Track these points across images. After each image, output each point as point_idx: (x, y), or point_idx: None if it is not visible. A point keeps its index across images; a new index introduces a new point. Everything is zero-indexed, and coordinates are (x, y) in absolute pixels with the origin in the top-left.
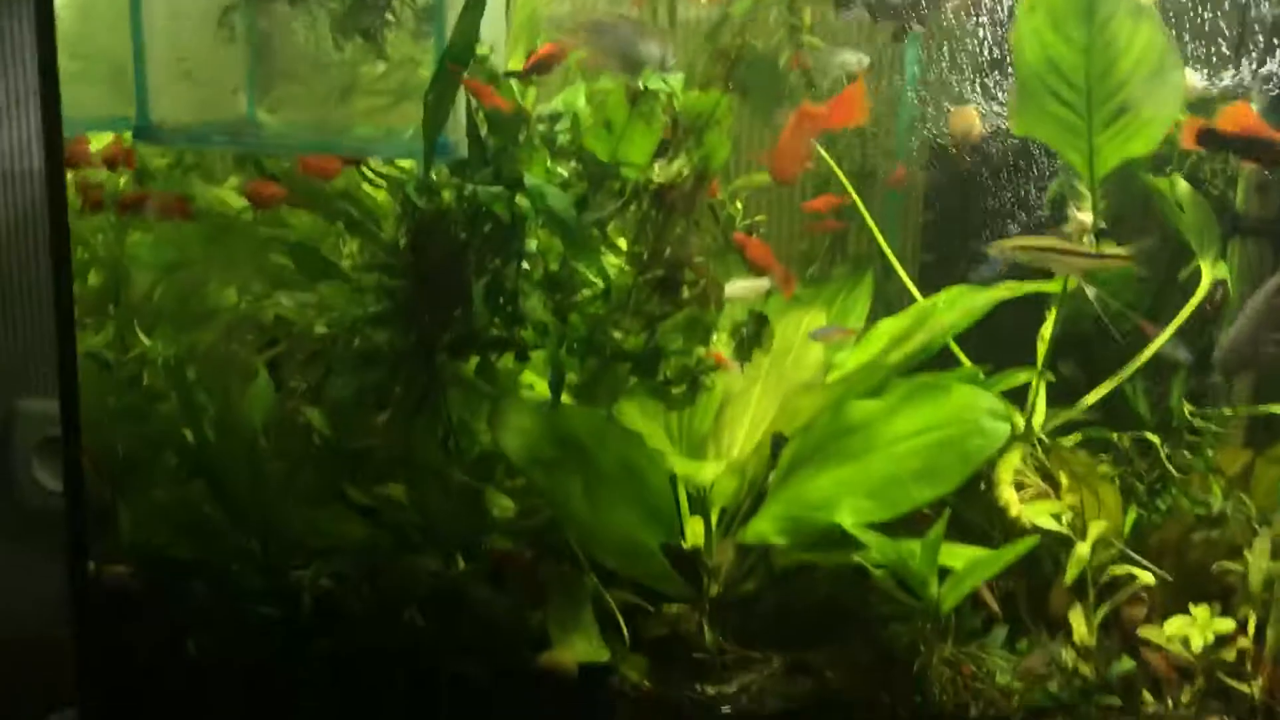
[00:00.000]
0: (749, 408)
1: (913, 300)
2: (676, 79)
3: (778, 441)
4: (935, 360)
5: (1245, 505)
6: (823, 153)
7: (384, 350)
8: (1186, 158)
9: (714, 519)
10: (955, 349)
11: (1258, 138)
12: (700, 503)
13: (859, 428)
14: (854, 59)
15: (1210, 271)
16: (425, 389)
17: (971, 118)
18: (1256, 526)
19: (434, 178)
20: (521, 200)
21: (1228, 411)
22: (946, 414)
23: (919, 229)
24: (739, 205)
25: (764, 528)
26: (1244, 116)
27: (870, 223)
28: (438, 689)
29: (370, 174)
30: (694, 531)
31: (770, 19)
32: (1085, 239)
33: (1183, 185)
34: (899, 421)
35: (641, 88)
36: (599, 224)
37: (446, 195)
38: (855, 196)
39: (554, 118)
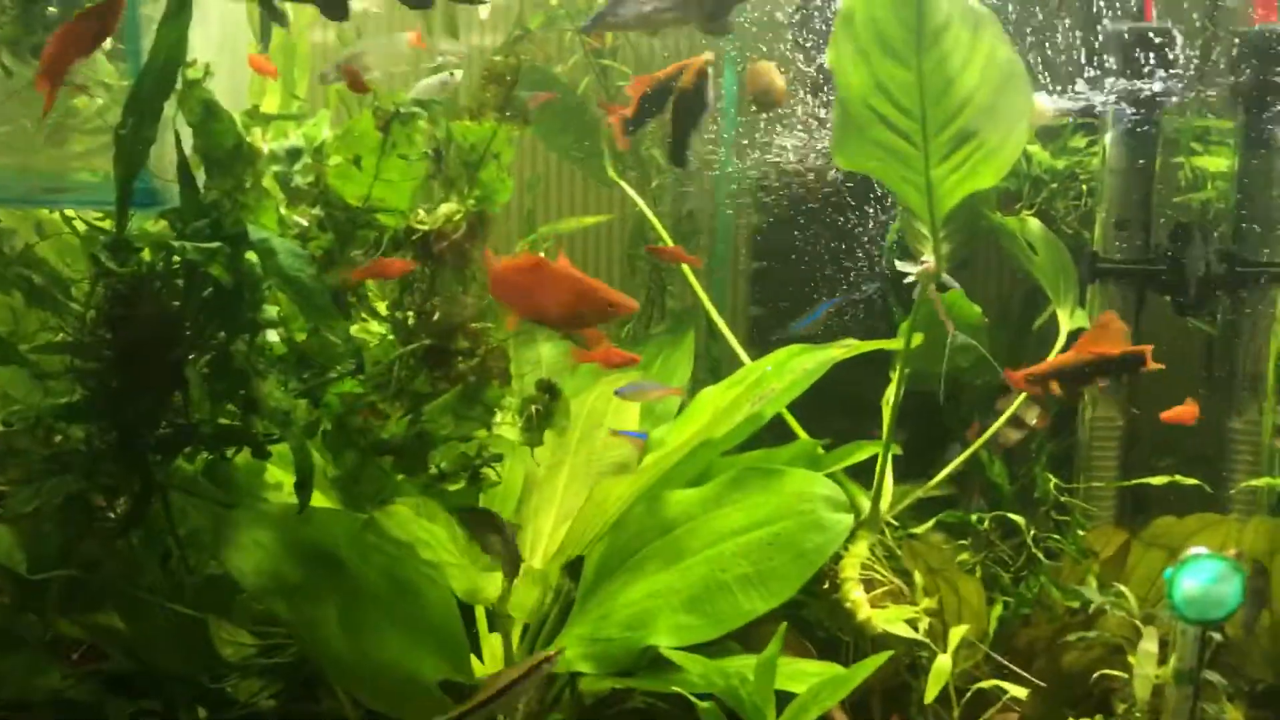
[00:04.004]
0: (555, 497)
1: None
2: (435, 98)
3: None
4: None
5: (1124, 598)
6: (634, 195)
7: (80, 450)
8: (1039, 192)
9: (515, 638)
10: (790, 420)
11: None
12: (501, 619)
13: (677, 524)
14: None
15: (1068, 320)
16: (137, 498)
17: (769, 74)
18: (1139, 623)
19: (147, 231)
20: (252, 257)
21: (1097, 484)
22: (778, 506)
23: (748, 278)
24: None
25: (567, 652)
26: None
27: (689, 275)
28: None
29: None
30: (492, 654)
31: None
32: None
33: (1034, 224)
34: (724, 516)
35: (394, 110)
36: (347, 285)
37: (148, 254)
38: (669, 242)
39: (293, 154)
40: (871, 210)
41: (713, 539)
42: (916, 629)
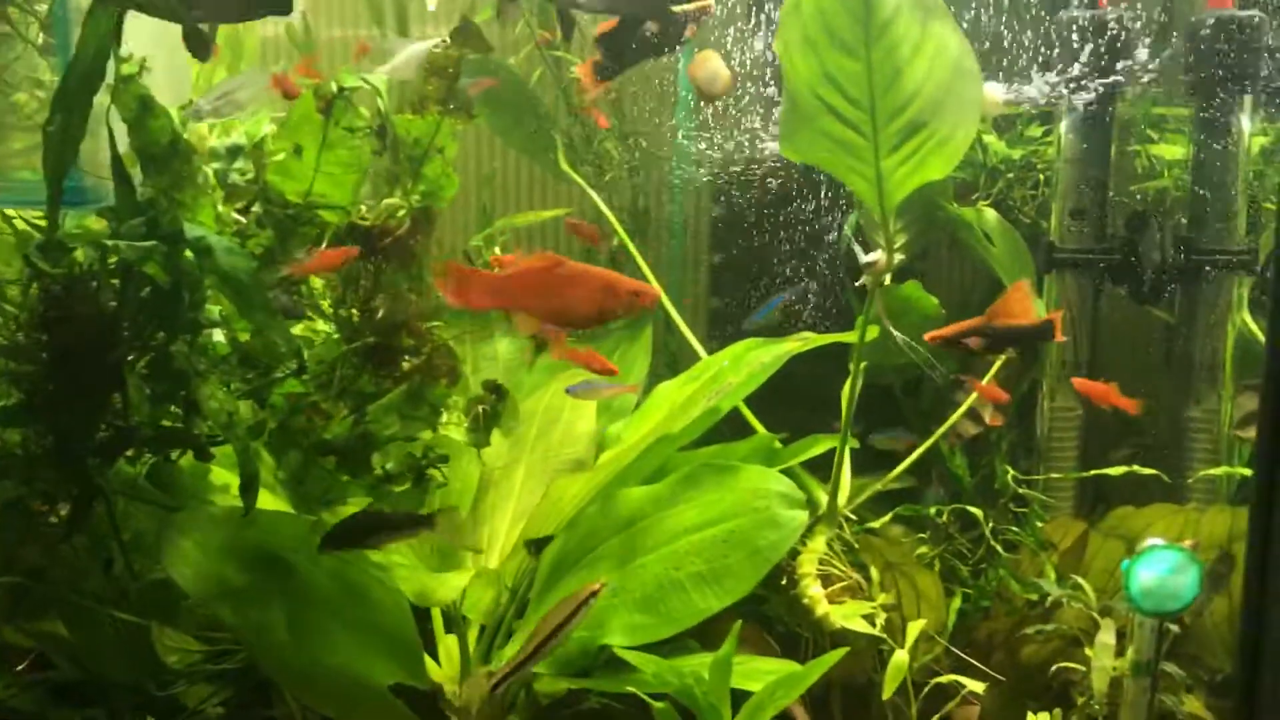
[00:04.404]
0: (512, 495)
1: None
2: (379, 78)
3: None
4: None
5: (1082, 590)
6: (588, 189)
7: (17, 455)
8: (995, 182)
9: (471, 640)
10: (746, 414)
11: None
12: (457, 621)
13: (632, 522)
14: None
15: None
16: (78, 503)
17: (713, 64)
18: (1096, 615)
19: (82, 229)
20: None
21: (1055, 476)
22: (732, 503)
23: (708, 271)
24: (497, 250)
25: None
26: None
27: (642, 265)
28: None
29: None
30: (448, 655)
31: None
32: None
33: (990, 215)
34: (678, 513)
35: (335, 89)
36: (289, 283)
37: (81, 254)
38: (624, 237)
39: (234, 151)
40: (835, 200)
41: (667, 537)
42: (874, 624)
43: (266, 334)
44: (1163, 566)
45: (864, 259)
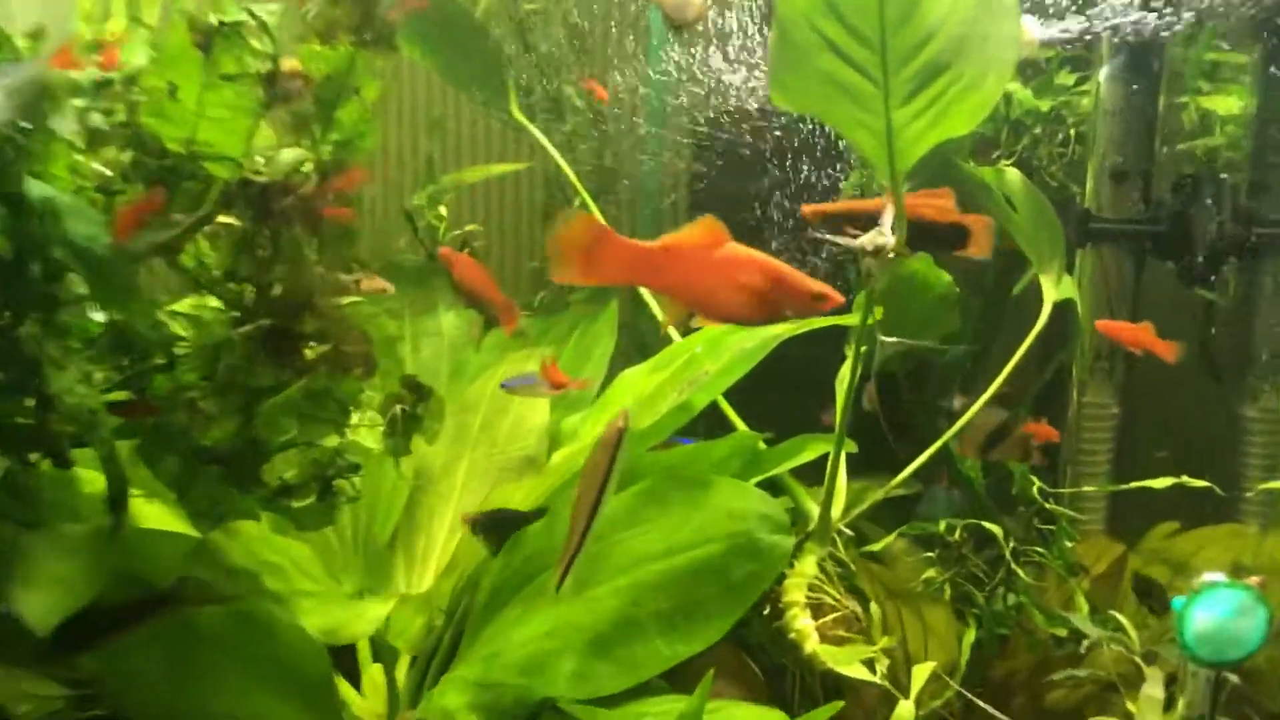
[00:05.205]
0: (451, 497)
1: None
2: (272, 6)
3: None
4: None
5: (1122, 630)
6: (542, 139)
7: None
8: (1019, 138)
9: (401, 673)
10: (726, 409)
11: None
12: (384, 650)
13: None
14: None
15: (1053, 290)
16: None
17: None
18: (1139, 659)
19: None
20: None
21: (1089, 489)
22: (704, 525)
23: None
24: (442, 211)
25: (450, 700)
26: None
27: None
28: None
29: None
30: (373, 685)
31: None
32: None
33: (1014, 176)
34: (639, 535)
35: (216, 22)
36: (164, 251)
37: None
38: (586, 196)
39: (100, 87)
40: (835, 157)
41: (625, 564)
42: (874, 670)
43: (129, 317)
44: (1223, 608)
45: (865, 244)
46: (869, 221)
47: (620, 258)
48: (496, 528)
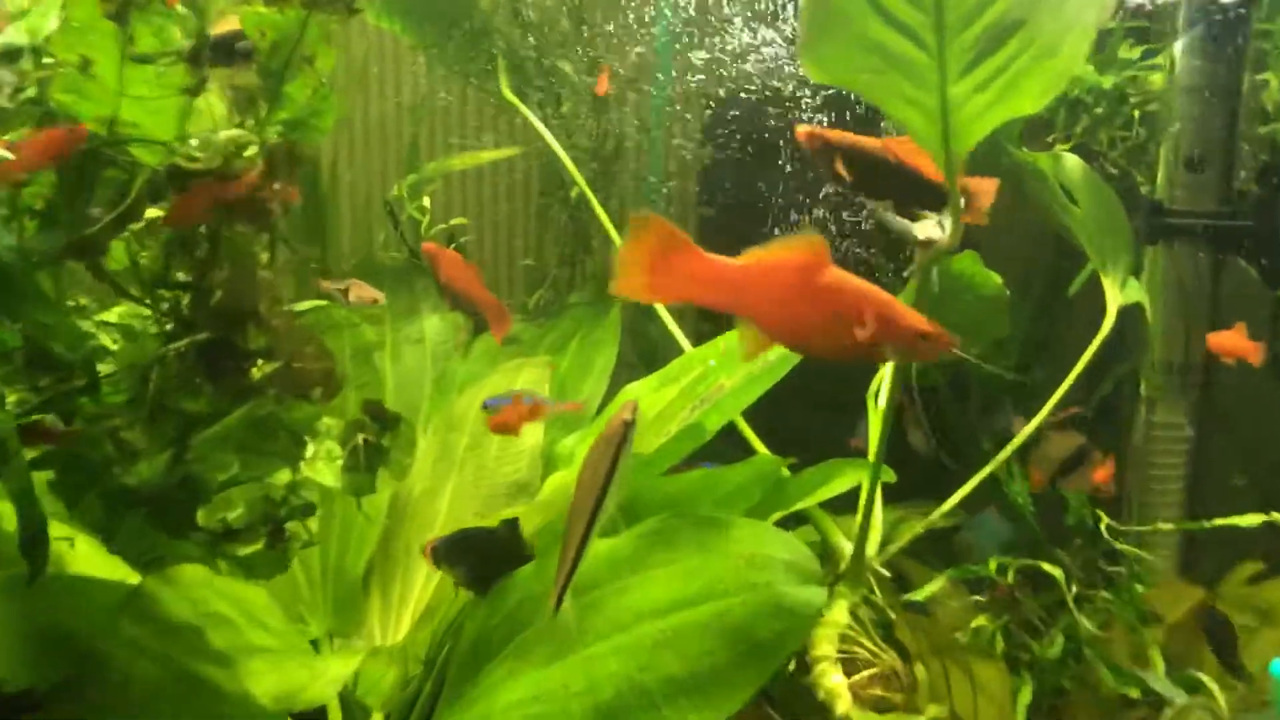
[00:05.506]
0: (433, 527)
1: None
2: None
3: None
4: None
5: (1205, 691)
6: (535, 121)
7: None
8: (1075, 119)
9: None
10: (743, 428)
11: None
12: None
13: (580, 590)
14: None
15: (1118, 292)
16: None
17: None
18: None
19: None
20: None
21: (1164, 526)
22: (720, 574)
23: (694, 230)
24: (426, 203)
25: None
26: None
27: (607, 223)
28: None
29: None
30: None
31: None
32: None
33: (1073, 163)
34: (644, 584)
35: None
36: (82, 251)
37: None
38: (584, 185)
39: (8, 55)
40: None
41: (628, 619)
42: None
43: (38, 330)
44: None
45: (918, 233)
46: (869, 162)
47: (699, 274)
48: (461, 554)
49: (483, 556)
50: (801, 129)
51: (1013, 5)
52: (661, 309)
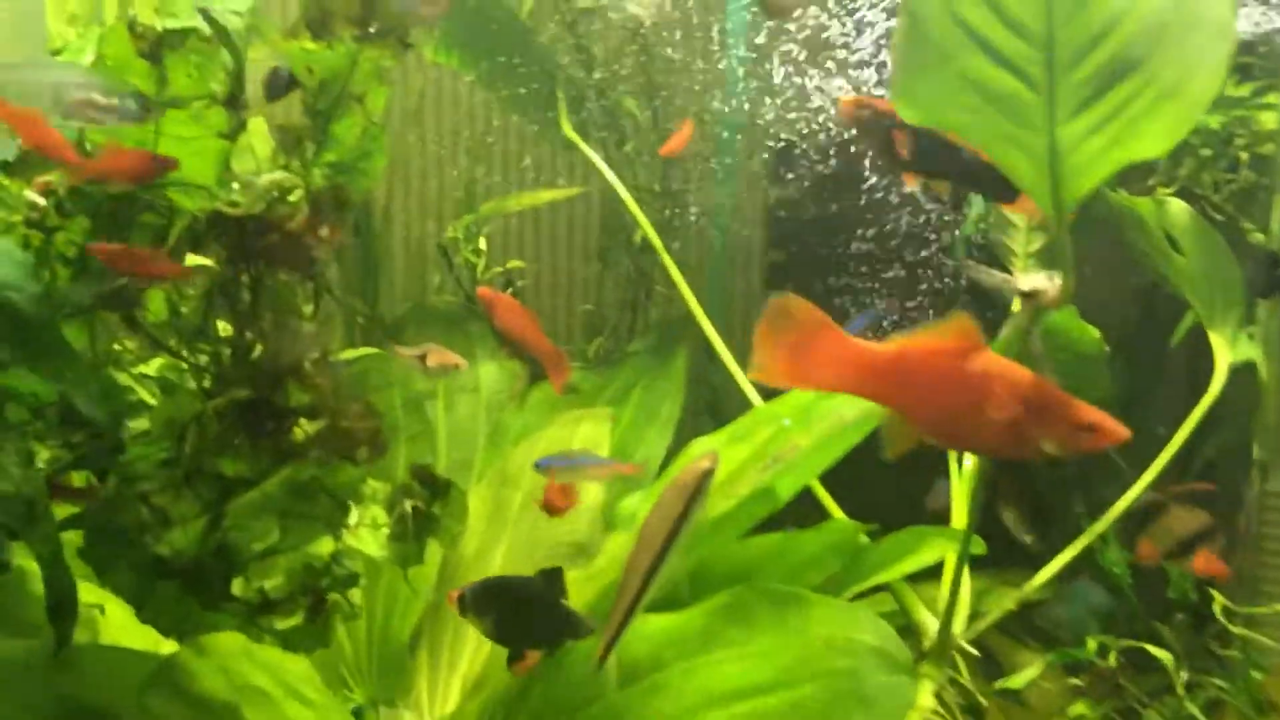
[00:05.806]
0: None
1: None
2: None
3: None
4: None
5: None
6: (597, 160)
7: None
8: (1178, 163)
9: None
10: (820, 492)
11: None
12: None
13: (642, 671)
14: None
15: (1228, 349)
16: None
17: None
18: None
19: None
20: None
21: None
22: (799, 657)
23: (763, 275)
24: (482, 245)
25: None
26: None
27: (671, 268)
28: None
29: None
30: None
31: None
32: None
33: (1179, 208)
34: (714, 665)
35: (163, 30)
36: (115, 302)
37: None
38: (648, 229)
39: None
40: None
41: (697, 702)
42: None
43: (64, 385)
44: None
45: (1021, 285)
46: (926, 135)
47: (842, 359)
48: (490, 603)
49: (514, 608)
50: (846, 99)
51: (1132, 40)
52: (732, 362)
